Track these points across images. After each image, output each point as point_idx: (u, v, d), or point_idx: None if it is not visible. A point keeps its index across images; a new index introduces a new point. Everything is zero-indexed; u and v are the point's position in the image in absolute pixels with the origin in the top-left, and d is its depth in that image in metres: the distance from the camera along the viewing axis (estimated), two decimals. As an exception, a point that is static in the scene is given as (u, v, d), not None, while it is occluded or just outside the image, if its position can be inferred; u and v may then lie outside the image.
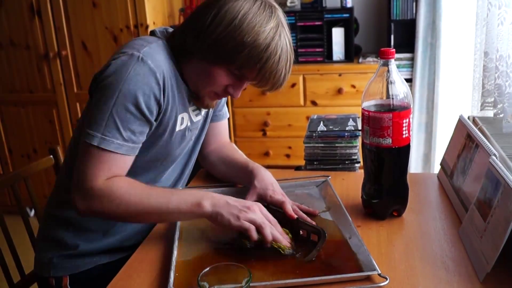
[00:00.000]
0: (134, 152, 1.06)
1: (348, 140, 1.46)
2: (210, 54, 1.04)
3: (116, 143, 1.02)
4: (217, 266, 0.85)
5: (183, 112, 1.14)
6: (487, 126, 1.95)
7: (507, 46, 1.89)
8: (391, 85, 1.06)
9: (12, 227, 1.47)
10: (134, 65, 1.01)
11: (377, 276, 0.90)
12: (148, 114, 1.04)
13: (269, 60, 1.02)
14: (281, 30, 1.03)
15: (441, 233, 1.07)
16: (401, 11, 2.84)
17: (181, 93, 1.12)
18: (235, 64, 1.03)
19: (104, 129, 1.01)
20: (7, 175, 1.48)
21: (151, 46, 1.06)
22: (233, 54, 1.02)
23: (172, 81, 1.08)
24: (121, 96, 1.00)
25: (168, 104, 1.08)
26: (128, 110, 1.01)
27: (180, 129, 1.15)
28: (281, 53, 1.03)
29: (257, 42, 1.00)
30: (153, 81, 1.03)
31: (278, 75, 1.05)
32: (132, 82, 1.01)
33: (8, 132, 3.06)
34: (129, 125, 1.02)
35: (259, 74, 1.04)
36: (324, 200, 1.25)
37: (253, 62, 1.02)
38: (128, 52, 1.03)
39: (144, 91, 1.02)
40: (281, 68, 1.04)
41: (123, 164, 1.05)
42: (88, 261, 1.20)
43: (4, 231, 1.42)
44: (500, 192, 0.91)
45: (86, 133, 1.02)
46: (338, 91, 2.88)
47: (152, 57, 1.03)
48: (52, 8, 2.77)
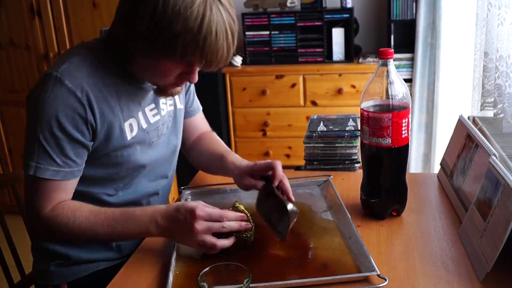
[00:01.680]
0: (74, 175, 1.04)
1: (348, 140, 1.46)
2: (147, 50, 0.97)
3: (52, 170, 1.00)
4: (217, 266, 0.85)
5: (130, 118, 1.09)
6: (487, 126, 1.95)
7: (507, 46, 1.89)
8: (390, 85, 1.06)
9: (12, 227, 1.47)
10: (52, 88, 0.98)
11: (376, 277, 0.90)
12: (78, 136, 1.01)
13: (207, 41, 0.93)
14: (210, 2, 0.93)
15: (441, 233, 1.07)
16: (401, 11, 2.84)
17: (125, 99, 1.08)
18: (176, 54, 0.95)
19: (37, 157, 0.99)
20: (7, 175, 1.49)
21: (72, 61, 1.01)
22: (169, 46, 0.94)
23: (103, 93, 1.03)
24: (44, 123, 0.98)
25: (104, 117, 1.03)
26: (54, 135, 0.99)
27: (132, 136, 1.10)
28: (217, 29, 0.93)
29: (188, 27, 0.91)
30: (74, 101, 0.99)
31: (221, 53, 0.96)
32: (52, 107, 0.97)
33: (8, 132, 3.06)
34: (60, 151, 1.00)
35: (202, 57, 0.96)
36: (325, 200, 1.25)
37: (191, 48, 0.94)
38: (47, 73, 1.00)
39: (67, 113, 0.98)
40: (221, 45, 0.95)
41: (64, 190, 1.04)
42: (86, 268, 1.18)
43: (4, 231, 1.42)
44: (500, 192, 0.91)
45: (23, 163, 1.02)
46: (338, 91, 2.88)
47: (70, 75, 0.99)
48: (52, 8, 2.77)
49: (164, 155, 1.22)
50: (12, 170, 3.09)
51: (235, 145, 3.11)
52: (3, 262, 1.39)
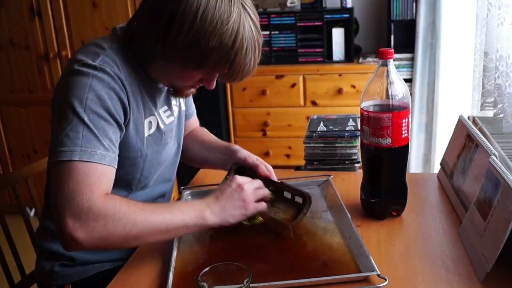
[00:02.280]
0: (115, 164, 0.99)
1: (348, 140, 1.46)
2: (176, 59, 0.99)
3: (99, 154, 0.94)
4: (217, 266, 0.85)
5: (150, 116, 1.11)
6: (487, 126, 1.95)
7: (507, 46, 1.88)
8: (390, 85, 1.06)
9: (13, 227, 1.47)
10: (94, 73, 0.96)
11: (376, 277, 0.90)
12: (119, 119, 1.00)
13: (237, 57, 0.96)
14: (244, 17, 0.95)
15: (441, 233, 1.07)
16: (401, 11, 2.84)
17: (146, 97, 1.09)
18: (206, 66, 0.98)
19: (81, 142, 0.92)
20: (7, 175, 1.49)
21: (105, 53, 1.00)
22: (201, 59, 0.96)
23: (133, 87, 1.04)
24: (90, 102, 0.94)
25: (132, 110, 1.04)
26: (101, 116, 0.96)
27: (149, 133, 1.11)
28: (247, 44, 0.96)
29: (222, 43, 0.93)
30: (116, 86, 0.99)
31: (247, 67, 1.00)
32: (98, 88, 0.96)
33: (8, 132, 3.06)
34: (105, 133, 0.96)
35: (229, 70, 0.99)
36: (325, 200, 1.25)
37: (222, 63, 0.97)
38: (85, 63, 0.97)
39: (111, 96, 0.98)
40: (249, 60, 0.99)
41: (110, 177, 0.97)
42: (90, 268, 1.17)
43: (4, 231, 1.42)
44: (500, 192, 0.91)
45: (59, 152, 0.91)
46: (338, 91, 2.88)
47: (109, 65, 0.99)
48: (52, 8, 2.77)
49: (172, 156, 1.24)
50: (12, 170, 3.09)
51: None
52: (3, 262, 1.39)
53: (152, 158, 1.14)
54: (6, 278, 1.40)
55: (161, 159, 1.18)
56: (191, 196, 1.30)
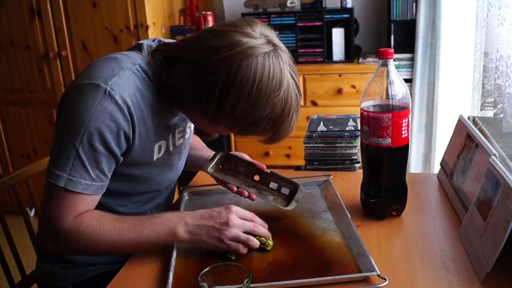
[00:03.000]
0: (102, 191, 1.01)
1: (348, 140, 1.46)
2: (221, 123, 0.99)
3: (84, 184, 0.96)
4: (217, 266, 0.85)
5: (160, 140, 1.09)
6: (487, 126, 1.95)
7: (507, 46, 1.88)
8: (390, 85, 1.06)
9: (13, 227, 1.47)
10: (100, 100, 0.94)
11: (376, 277, 0.90)
12: (117, 151, 0.99)
13: (284, 123, 0.99)
14: (292, 85, 0.97)
15: (441, 233, 1.07)
16: (401, 11, 2.84)
17: (161, 121, 1.07)
18: (252, 134, 1.01)
19: (70, 169, 0.95)
20: (7, 175, 1.48)
21: (120, 75, 0.97)
22: (251, 128, 0.99)
23: (144, 113, 1.01)
24: (87, 135, 0.94)
25: (140, 137, 1.02)
26: (95, 149, 0.95)
27: (158, 157, 1.10)
28: (293, 110, 0.98)
29: (274, 113, 0.95)
30: (121, 118, 0.96)
31: (290, 130, 1.02)
32: (99, 120, 0.94)
33: (8, 132, 3.06)
34: (96, 164, 0.97)
35: (274, 134, 1.01)
36: (325, 200, 1.25)
37: (269, 129, 0.99)
38: (95, 83, 0.95)
39: (112, 128, 0.96)
40: (293, 123, 1.01)
41: (90, 203, 1.00)
42: (92, 269, 1.17)
43: (4, 231, 1.42)
44: (500, 192, 0.91)
45: (51, 172, 0.96)
46: (338, 91, 2.88)
47: (120, 89, 0.96)
48: (52, 8, 2.77)
49: (178, 173, 1.25)
50: (12, 170, 3.09)
51: (235, 145, 3.11)
52: (3, 262, 1.39)
53: (157, 178, 1.14)
54: (6, 278, 1.40)
55: (166, 179, 1.19)
56: (191, 196, 1.30)
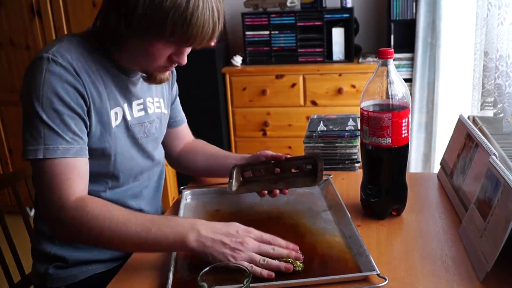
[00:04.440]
0: (84, 154, 1.02)
1: (348, 140, 1.46)
2: (140, 31, 0.99)
3: (62, 148, 0.98)
4: (217, 266, 0.85)
5: (116, 107, 1.10)
6: (487, 126, 1.95)
7: (507, 46, 1.89)
8: (390, 85, 1.06)
9: (13, 227, 1.47)
10: (46, 67, 0.98)
11: (376, 277, 0.90)
12: (79, 110, 1.01)
13: (194, 17, 0.95)
14: None
15: (441, 233, 1.07)
16: (401, 11, 2.84)
17: (113, 88, 1.09)
18: (166, 32, 0.97)
19: (43, 139, 0.96)
20: (7, 175, 1.48)
21: (61, 44, 1.03)
22: (160, 24, 0.96)
23: (94, 76, 1.04)
24: (46, 101, 0.97)
25: (93, 98, 1.04)
26: (59, 112, 0.98)
27: (116, 125, 1.10)
28: (204, 5, 0.96)
29: (176, 3, 0.94)
30: (70, 77, 1.00)
31: (206, 29, 0.98)
32: (52, 84, 0.98)
33: (8, 132, 3.06)
34: (67, 127, 0.99)
35: (188, 33, 0.97)
36: (325, 199, 1.25)
37: (179, 25, 0.96)
38: (38, 56, 1.00)
39: (66, 88, 0.99)
40: (207, 20, 0.97)
41: (80, 168, 1.00)
42: (85, 270, 1.18)
43: (4, 231, 1.42)
44: (500, 191, 0.91)
45: (26, 151, 0.97)
46: (338, 91, 2.88)
47: (62, 56, 1.00)
48: (52, 8, 2.77)
49: (151, 155, 1.22)
50: (12, 170, 3.09)
51: (235, 145, 3.11)
52: (3, 262, 1.39)
53: (123, 150, 1.13)
54: (6, 278, 1.40)
55: (133, 153, 1.16)
56: (191, 196, 1.30)
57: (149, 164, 1.22)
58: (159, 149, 1.27)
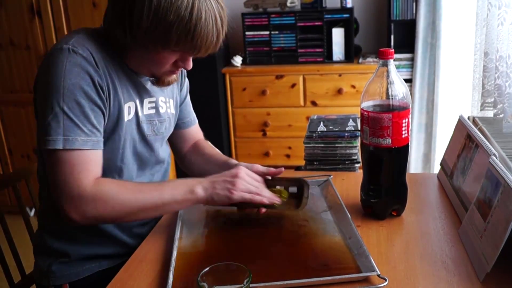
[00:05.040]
0: (100, 146, 1.05)
1: (348, 140, 1.46)
2: (145, 43, 1.02)
3: (81, 140, 1.00)
4: (217, 266, 0.85)
5: (129, 101, 1.12)
6: (487, 126, 1.95)
7: (507, 46, 1.88)
8: (390, 85, 1.06)
9: (13, 227, 1.47)
10: (67, 58, 1.00)
11: (377, 277, 0.90)
12: (100, 102, 1.03)
13: (197, 28, 0.98)
14: None
15: (441, 233, 1.07)
16: (401, 11, 2.84)
17: (126, 82, 1.11)
18: (171, 44, 1.00)
19: (63, 130, 0.99)
20: (7, 175, 1.49)
21: (78, 36, 1.04)
22: (165, 36, 0.99)
23: (110, 69, 1.06)
24: (67, 92, 0.99)
25: (110, 91, 1.06)
26: (80, 104, 1.00)
27: (128, 119, 1.12)
28: (206, 15, 0.98)
29: (180, 16, 0.96)
30: (91, 69, 1.01)
31: (210, 38, 1.01)
32: (73, 75, 0.99)
33: (8, 132, 3.06)
34: (86, 119, 1.01)
35: (193, 44, 1.00)
36: (325, 200, 1.25)
37: (184, 36, 0.99)
38: (57, 47, 1.01)
39: (87, 80, 1.01)
40: (211, 30, 1.00)
41: (96, 162, 1.03)
42: (88, 268, 1.18)
43: (4, 231, 1.42)
44: (500, 192, 0.91)
45: (45, 141, 0.99)
46: (338, 91, 2.88)
47: (82, 46, 1.02)
48: (52, 8, 2.77)
49: (157, 153, 1.24)
50: (12, 170, 3.09)
51: (235, 145, 3.11)
52: (3, 262, 1.39)
53: (131, 145, 1.15)
54: (6, 278, 1.40)
55: (140, 149, 1.18)
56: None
57: (153, 161, 1.23)
58: (163, 147, 1.28)
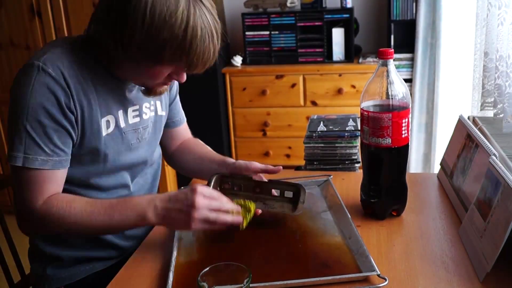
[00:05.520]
0: (63, 165, 1.03)
1: (348, 140, 1.46)
2: (137, 59, 0.99)
3: (41, 160, 0.99)
4: (217, 266, 0.85)
5: (107, 115, 1.08)
6: (487, 126, 1.95)
7: (507, 46, 1.88)
8: (390, 85, 1.06)
9: (12, 227, 1.46)
10: (35, 76, 0.98)
11: (376, 277, 0.90)
12: (65, 123, 1.01)
13: (193, 45, 0.95)
14: (193, 6, 0.94)
15: (441, 233, 1.07)
16: (401, 11, 2.84)
17: (106, 95, 1.07)
18: (165, 60, 0.98)
19: (24, 148, 0.98)
20: (7, 175, 1.48)
21: (52, 51, 1.01)
22: (158, 53, 0.96)
23: (85, 85, 1.03)
24: (31, 111, 0.98)
25: (82, 109, 1.03)
26: (42, 124, 0.99)
27: (107, 133, 1.09)
28: (202, 32, 0.95)
29: (174, 34, 0.93)
30: (58, 89, 0.99)
31: (207, 55, 0.98)
32: (38, 95, 0.98)
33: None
34: (48, 139, 1.00)
35: (188, 61, 0.98)
36: (325, 200, 1.25)
37: (178, 54, 0.96)
38: (30, 62, 1.00)
39: (53, 101, 0.99)
40: (207, 47, 0.97)
41: (54, 181, 1.02)
42: (83, 269, 1.17)
43: (4, 231, 1.42)
44: (500, 192, 0.91)
45: (9, 155, 1.00)
46: (338, 91, 2.88)
47: (52, 64, 0.99)
48: (52, 8, 2.77)
49: (144, 159, 1.21)
50: (12, 170, 3.09)
51: (235, 145, 3.11)
52: (3, 262, 1.39)
53: (115, 156, 1.12)
54: (6, 278, 1.40)
55: (126, 160, 1.16)
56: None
57: (140, 165, 1.21)
58: (151, 149, 1.24)
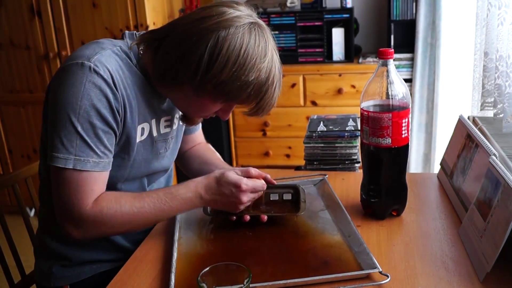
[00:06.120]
0: (110, 167, 1.04)
1: (348, 140, 1.46)
2: (209, 91, 1.01)
3: (92, 162, 0.99)
4: (217, 266, 0.85)
5: (144, 123, 1.10)
6: (487, 126, 1.95)
7: (507, 46, 1.88)
8: (390, 85, 1.06)
9: (13, 227, 1.47)
10: (87, 77, 0.97)
11: (378, 274, 0.90)
12: (114, 125, 1.02)
13: (268, 92, 1.03)
14: (273, 55, 1.03)
15: (441, 233, 1.07)
16: (401, 11, 2.84)
17: (144, 103, 1.08)
18: (237, 100, 1.03)
19: (75, 150, 0.97)
20: (7, 175, 1.48)
21: (102, 53, 1.01)
22: (236, 93, 1.00)
23: (129, 91, 1.04)
24: (84, 113, 0.97)
25: (125, 113, 1.04)
26: (94, 126, 0.98)
27: (140, 140, 1.10)
28: (276, 82, 1.04)
29: (259, 78, 1.00)
30: (109, 92, 0.99)
31: (273, 102, 1.06)
32: (91, 96, 0.97)
33: (8, 132, 3.06)
34: (100, 141, 0.99)
35: (257, 104, 1.05)
36: (322, 199, 1.25)
37: (254, 97, 1.02)
38: (79, 62, 0.98)
39: (104, 103, 0.99)
40: (276, 96, 1.06)
41: (102, 181, 1.03)
42: (89, 269, 1.18)
43: (4, 231, 1.42)
44: (500, 192, 0.91)
45: (55, 158, 0.97)
46: (338, 91, 2.88)
47: (103, 66, 0.99)
48: (52, 8, 2.77)
49: (165, 167, 1.24)
50: (12, 170, 3.09)
51: (235, 145, 3.11)
52: (3, 262, 1.39)
53: (141, 165, 1.14)
54: (6, 278, 1.40)
55: (151, 168, 1.17)
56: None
57: (161, 174, 1.24)
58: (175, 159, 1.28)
